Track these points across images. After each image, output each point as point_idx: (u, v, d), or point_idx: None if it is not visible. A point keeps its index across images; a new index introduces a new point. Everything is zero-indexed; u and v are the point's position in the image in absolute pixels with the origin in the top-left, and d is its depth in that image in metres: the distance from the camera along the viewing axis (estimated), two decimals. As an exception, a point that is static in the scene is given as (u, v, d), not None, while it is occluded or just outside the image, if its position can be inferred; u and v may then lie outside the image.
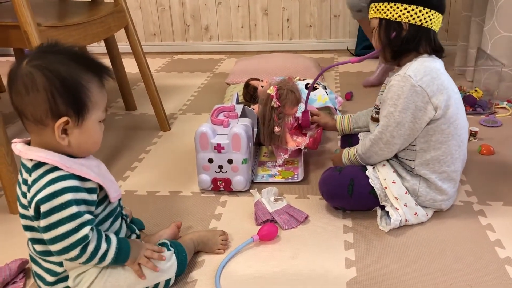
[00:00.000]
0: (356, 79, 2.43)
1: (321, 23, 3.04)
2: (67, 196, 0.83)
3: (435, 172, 1.20)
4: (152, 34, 3.19)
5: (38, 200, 0.83)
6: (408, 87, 1.13)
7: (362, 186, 1.22)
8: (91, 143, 0.91)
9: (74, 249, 0.85)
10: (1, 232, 1.28)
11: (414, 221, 1.21)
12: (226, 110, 1.51)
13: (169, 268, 0.99)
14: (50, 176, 0.84)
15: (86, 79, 0.87)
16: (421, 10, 1.15)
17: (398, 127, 1.15)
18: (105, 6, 1.72)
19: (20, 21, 1.27)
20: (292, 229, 1.23)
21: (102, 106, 0.91)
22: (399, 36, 1.18)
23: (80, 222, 0.84)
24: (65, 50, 0.89)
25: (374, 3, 1.21)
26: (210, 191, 1.43)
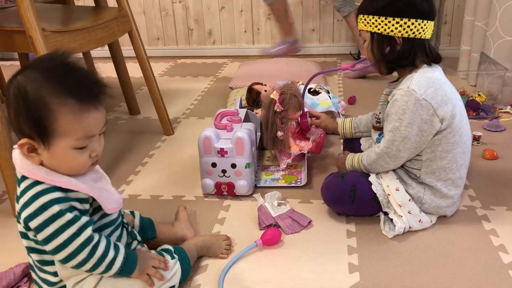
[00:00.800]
0: (359, 84, 2.44)
1: (324, 28, 3.04)
2: (56, 207, 0.82)
3: (441, 179, 1.19)
4: (156, 38, 3.20)
5: (26, 217, 0.83)
6: (413, 101, 1.11)
7: (364, 192, 1.22)
8: (66, 168, 0.85)
9: (81, 252, 0.84)
10: (6, 236, 1.28)
11: (418, 227, 1.21)
12: (230, 114, 1.51)
13: (173, 276, 0.99)
14: (33, 191, 0.83)
15: (57, 103, 0.79)
16: (414, 23, 1.13)
17: (404, 141, 1.15)
18: (109, 11, 1.73)
19: (25, 26, 1.27)
20: (296, 233, 1.23)
21: (79, 134, 0.82)
22: (393, 51, 1.17)
23: (80, 226, 0.84)
24: (55, 65, 0.83)
25: (363, 15, 1.19)
26: (213, 196, 1.43)
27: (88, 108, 0.82)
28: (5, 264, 1.10)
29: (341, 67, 1.34)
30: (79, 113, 0.81)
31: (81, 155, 0.85)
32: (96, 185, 0.91)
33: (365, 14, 1.18)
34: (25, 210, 0.83)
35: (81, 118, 0.81)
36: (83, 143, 0.84)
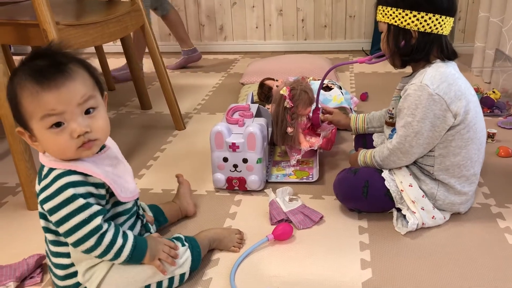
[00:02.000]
0: (371, 80, 2.42)
1: (336, 24, 3.03)
2: (71, 191, 0.84)
3: (454, 176, 1.18)
4: (167, 34, 3.20)
5: (43, 199, 0.86)
6: (426, 96, 1.10)
7: (377, 188, 1.21)
8: (53, 152, 0.87)
9: (89, 239, 0.86)
10: (19, 228, 1.29)
11: (431, 224, 1.20)
12: (241, 109, 1.51)
13: (184, 263, 1.00)
14: (53, 174, 0.86)
15: (19, 90, 0.82)
16: (431, 17, 1.11)
17: (417, 136, 1.14)
18: (122, 5, 1.73)
19: (39, 19, 1.28)
20: (307, 229, 1.23)
21: (39, 113, 0.82)
22: (408, 44, 1.15)
23: (90, 213, 0.85)
24: (34, 54, 0.85)
25: (382, 5, 1.17)
26: (224, 190, 1.43)
27: (46, 85, 0.81)
28: (19, 255, 1.11)
29: (358, 60, 1.32)
30: (36, 92, 0.81)
31: (59, 136, 0.84)
32: (113, 171, 0.92)
33: (384, 5, 1.17)
34: (43, 192, 0.86)
35: (38, 97, 0.81)
36: (49, 121, 0.83)
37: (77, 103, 0.84)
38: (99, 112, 0.88)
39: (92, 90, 0.87)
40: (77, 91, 0.84)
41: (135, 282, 0.94)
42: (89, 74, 0.88)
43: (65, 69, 0.83)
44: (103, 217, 0.87)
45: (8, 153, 1.76)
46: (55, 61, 0.83)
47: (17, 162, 1.33)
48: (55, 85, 0.82)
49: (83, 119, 0.85)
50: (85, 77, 0.87)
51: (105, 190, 0.90)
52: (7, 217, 1.35)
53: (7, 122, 1.29)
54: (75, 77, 0.84)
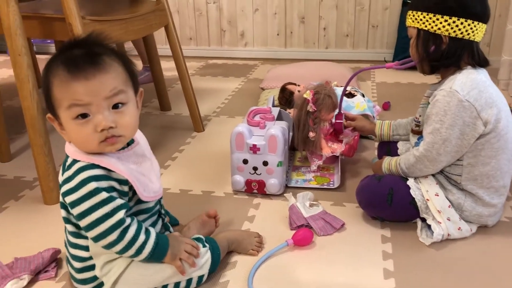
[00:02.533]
0: (393, 90, 2.38)
1: (358, 33, 3.00)
2: (93, 184, 0.82)
3: (483, 187, 1.14)
4: (188, 38, 3.21)
5: (65, 191, 0.84)
6: (455, 102, 1.07)
7: (402, 196, 1.17)
8: (76, 142, 0.86)
9: (111, 234, 0.83)
10: (36, 222, 1.28)
11: (457, 236, 1.15)
12: (263, 112, 1.49)
13: (204, 265, 0.97)
14: (75, 167, 0.84)
15: (53, 76, 0.82)
16: (463, 22, 1.09)
17: (445, 144, 1.10)
18: (147, 3, 1.73)
19: (65, 13, 1.28)
20: (328, 236, 1.19)
21: (65, 102, 0.81)
22: (438, 49, 1.13)
23: (113, 207, 0.83)
24: (69, 42, 0.85)
25: (413, 11, 1.16)
26: (243, 193, 1.40)
27: (75, 74, 0.80)
28: (34, 249, 1.10)
29: (385, 65, 1.30)
30: (66, 81, 0.80)
31: (83, 128, 0.82)
32: (137, 169, 0.89)
33: (414, 10, 1.15)
34: (65, 184, 0.84)
35: (67, 86, 0.80)
36: (75, 112, 0.81)
37: (105, 96, 0.82)
38: (128, 108, 0.86)
39: (124, 85, 0.85)
40: (107, 84, 0.82)
41: (153, 281, 0.91)
42: (124, 68, 0.86)
43: (98, 60, 0.82)
44: (126, 211, 0.85)
45: (26, 148, 1.76)
46: (90, 51, 0.82)
47: (36, 156, 1.32)
48: (85, 75, 0.80)
49: (110, 113, 0.83)
50: (119, 71, 0.85)
51: (128, 187, 0.88)
52: (24, 211, 1.34)
53: (28, 114, 1.28)
54: (107, 69, 0.82)
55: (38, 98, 1.30)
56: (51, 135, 1.36)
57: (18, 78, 1.27)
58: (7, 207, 1.37)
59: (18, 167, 1.62)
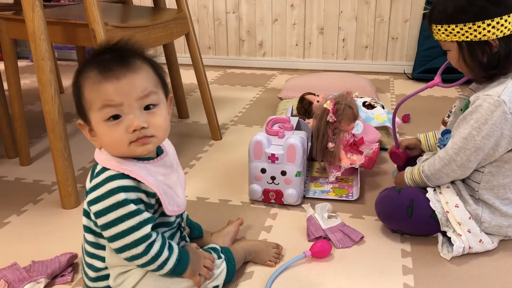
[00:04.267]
0: (413, 102, 2.34)
1: (377, 45, 2.98)
2: (122, 195, 0.81)
3: (498, 197, 1.11)
4: (207, 47, 3.23)
5: (91, 200, 0.82)
6: (499, 113, 1.02)
7: (423, 208, 1.14)
8: (107, 145, 0.84)
9: (137, 247, 0.81)
10: (53, 226, 1.29)
11: (478, 249, 1.12)
12: (281, 121, 1.48)
13: (219, 276, 0.96)
14: (104, 175, 0.83)
15: (82, 79, 0.82)
16: (507, 19, 1.00)
17: (477, 152, 1.05)
18: (168, 12, 1.75)
19: (89, 19, 1.29)
20: (346, 248, 1.17)
21: (98, 103, 0.80)
22: (492, 56, 1.04)
23: (140, 220, 0.81)
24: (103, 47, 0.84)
25: (441, 25, 1.06)
26: (260, 202, 1.39)
27: (107, 77, 0.79)
28: (51, 253, 1.10)
29: (427, 85, 1.22)
30: (97, 82, 0.80)
31: (115, 129, 0.81)
32: (164, 181, 0.88)
33: (443, 23, 1.06)
34: (92, 192, 0.83)
35: (99, 87, 0.80)
36: (108, 113, 0.80)
37: (137, 97, 0.81)
38: (160, 109, 0.84)
39: (155, 87, 0.84)
40: (138, 84, 0.81)
41: None
42: (154, 71, 0.86)
43: (129, 61, 0.81)
44: (151, 225, 0.83)
45: (45, 152, 1.78)
46: (121, 53, 0.82)
47: (55, 160, 1.33)
48: (116, 76, 0.79)
49: (142, 114, 0.82)
50: (149, 73, 0.84)
51: (155, 200, 0.86)
52: (42, 215, 1.35)
53: (50, 118, 1.29)
54: (138, 70, 0.82)
55: (59, 102, 1.31)
56: (71, 140, 1.37)
57: (41, 82, 1.29)
58: (25, 210, 1.37)
59: (37, 171, 1.63)
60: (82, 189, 1.47)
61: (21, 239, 1.23)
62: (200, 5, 3.14)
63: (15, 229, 1.27)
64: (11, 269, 1.03)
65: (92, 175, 0.86)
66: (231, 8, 3.11)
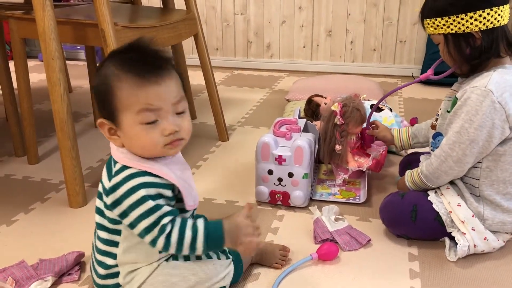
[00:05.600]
0: (421, 105, 2.34)
1: (385, 48, 2.97)
2: (142, 192, 0.81)
3: (499, 193, 1.10)
4: (215, 49, 3.23)
5: (115, 200, 0.83)
6: (488, 102, 1.03)
7: (427, 211, 1.14)
8: (138, 148, 0.85)
9: (159, 240, 0.82)
10: (61, 225, 1.29)
11: (484, 247, 1.11)
12: (289, 123, 1.47)
13: (226, 276, 0.95)
14: (124, 173, 0.84)
15: (116, 81, 0.81)
16: (489, 12, 1.04)
17: (471, 145, 1.06)
18: (177, 12, 1.75)
19: (99, 19, 1.29)
20: (353, 251, 1.16)
21: (137, 107, 0.81)
22: (473, 47, 1.08)
23: (159, 215, 0.82)
24: (127, 47, 0.85)
25: (430, 19, 1.11)
26: (266, 204, 1.39)
27: (147, 80, 0.81)
28: (58, 251, 1.10)
29: (420, 77, 1.26)
30: (136, 86, 0.80)
31: (150, 132, 0.82)
32: (182, 176, 0.89)
33: (432, 17, 1.10)
34: (114, 192, 0.83)
35: (138, 90, 0.81)
36: (146, 117, 0.81)
37: (172, 102, 0.83)
38: (187, 113, 0.87)
39: (182, 91, 0.87)
40: (174, 90, 0.83)
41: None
42: (179, 76, 0.88)
43: (165, 66, 0.83)
44: (171, 218, 0.83)
45: (53, 151, 1.78)
46: (152, 56, 0.83)
47: (63, 159, 1.34)
48: (156, 80, 0.81)
49: (174, 118, 0.84)
50: (178, 78, 0.87)
51: (174, 195, 0.87)
52: (49, 213, 1.35)
53: (58, 117, 1.30)
54: (171, 76, 0.84)
55: (68, 101, 1.32)
56: (79, 139, 1.37)
57: (50, 81, 1.29)
58: (33, 208, 1.38)
59: (45, 169, 1.64)
60: (89, 188, 1.48)
61: (29, 237, 1.23)
62: (208, 6, 3.15)
63: (23, 227, 1.28)
64: (18, 267, 1.03)
65: (109, 174, 0.86)
66: (239, 9, 3.11)
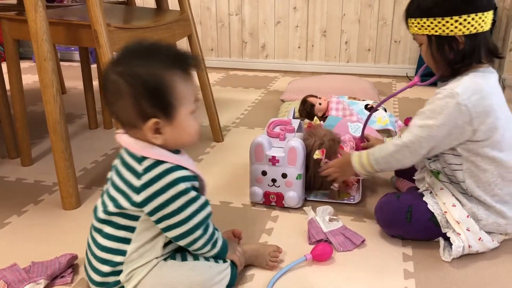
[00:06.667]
0: (415, 106, 2.34)
1: (380, 48, 2.98)
2: (182, 185, 0.87)
3: (488, 194, 1.11)
4: (210, 49, 3.23)
5: (152, 194, 0.86)
6: (453, 104, 1.04)
7: (421, 212, 1.14)
8: (186, 136, 0.90)
9: (198, 229, 0.90)
10: (54, 227, 1.28)
11: (479, 247, 1.12)
12: (283, 123, 1.47)
13: (222, 280, 0.97)
14: (160, 169, 0.86)
15: (169, 76, 0.85)
16: (474, 17, 1.05)
17: (430, 139, 1.08)
18: (171, 13, 1.75)
19: (92, 20, 1.29)
20: (347, 251, 1.16)
21: (191, 98, 0.89)
22: (456, 51, 1.08)
23: (201, 203, 0.90)
24: (148, 48, 0.88)
25: (414, 18, 1.11)
26: (261, 205, 1.39)
27: (189, 74, 0.89)
28: (51, 254, 1.10)
29: (409, 84, 1.27)
30: (186, 79, 0.88)
31: (195, 121, 0.91)
32: (195, 166, 0.95)
33: (417, 17, 1.10)
34: (150, 187, 0.86)
35: (188, 83, 0.88)
36: (195, 107, 0.90)
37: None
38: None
39: None
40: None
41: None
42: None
43: (191, 58, 0.90)
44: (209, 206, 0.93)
45: (47, 153, 1.78)
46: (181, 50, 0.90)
47: (57, 160, 1.33)
48: (191, 73, 0.89)
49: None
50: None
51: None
52: (42, 215, 1.34)
53: (51, 118, 1.29)
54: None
55: (61, 103, 1.31)
56: (72, 141, 1.37)
57: (43, 82, 1.29)
58: (26, 210, 1.37)
59: (38, 171, 1.63)
60: (83, 190, 1.47)
61: (21, 239, 1.22)
62: (203, 7, 3.14)
63: (16, 230, 1.27)
64: (10, 269, 1.03)
65: (134, 172, 0.87)
66: (234, 10, 3.11)
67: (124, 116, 0.88)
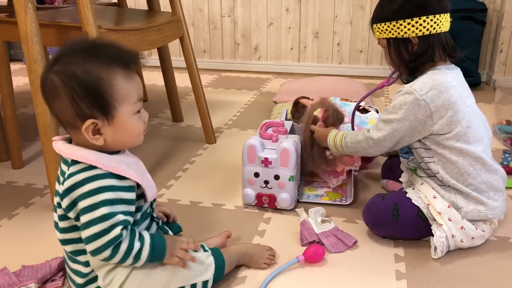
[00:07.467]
0: (407, 107, 2.36)
1: (372, 49, 2.99)
2: (101, 196, 0.82)
3: (462, 183, 1.13)
4: (202, 51, 3.22)
5: (78, 196, 0.82)
6: (412, 99, 1.10)
7: (408, 208, 1.16)
8: (129, 138, 0.87)
9: (106, 250, 0.82)
10: (45, 230, 1.27)
11: (461, 236, 1.13)
12: (275, 125, 1.47)
13: (207, 269, 0.96)
14: (88, 173, 0.83)
15: (107, 74, 0.82)
16: (425, 20, 1.11)
17: (393, 133, 1.14)
18: (163, 15, 1.74)
19: (82, 21, 1.28)
20: (340, 253, 1.16)
21: (134, 97, 0.85)
22: (411, 52, 1.16)
23: (112, 223, 0.82)
24: (86, 46, 0.85)
25: (376, 23, 1.19)
26: (253, 207, 1.39)
27: (132, 72, 0.86)
28: (42, 257, 1.09)
29: (378, 86, 1.35)
30: (128, 78, 0.85)
31: (139, 121, 0.88)
32: (137, 169, 0.90)
33: (378, 22, 1.18)
34: (78, 189, 0.82)
35: (130, 82, 0.85)
36: (138, 107, 0.87)
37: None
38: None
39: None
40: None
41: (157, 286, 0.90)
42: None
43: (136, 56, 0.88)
44: (123, 227, 0.83)
45: (37, 155, 1.76)
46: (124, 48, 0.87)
47: (48, 163, 1.32)
48: (135, 72, 0.87)
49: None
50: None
51: (134, 194, 0.87)
52: (33, 218, 1.33)
53: (42, 120, 1.28)
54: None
55: (51, 105, 1.30)
56: (63, 143, 1.35)
57: (33, 85, 1.28)
58: (17, 213, 1.36)
59: (29, 174, 1.62)
60: (74, 193, 1.46)
61: (12, 243, 1.22)
62: (196, 9, 3.14)
63: (6, 233, 1.26)
64: (0, 273, 1.02)
65: (63, 176, 0.85)
66: (226, 11, 3.11)
67: (63, 117, 0.84)
